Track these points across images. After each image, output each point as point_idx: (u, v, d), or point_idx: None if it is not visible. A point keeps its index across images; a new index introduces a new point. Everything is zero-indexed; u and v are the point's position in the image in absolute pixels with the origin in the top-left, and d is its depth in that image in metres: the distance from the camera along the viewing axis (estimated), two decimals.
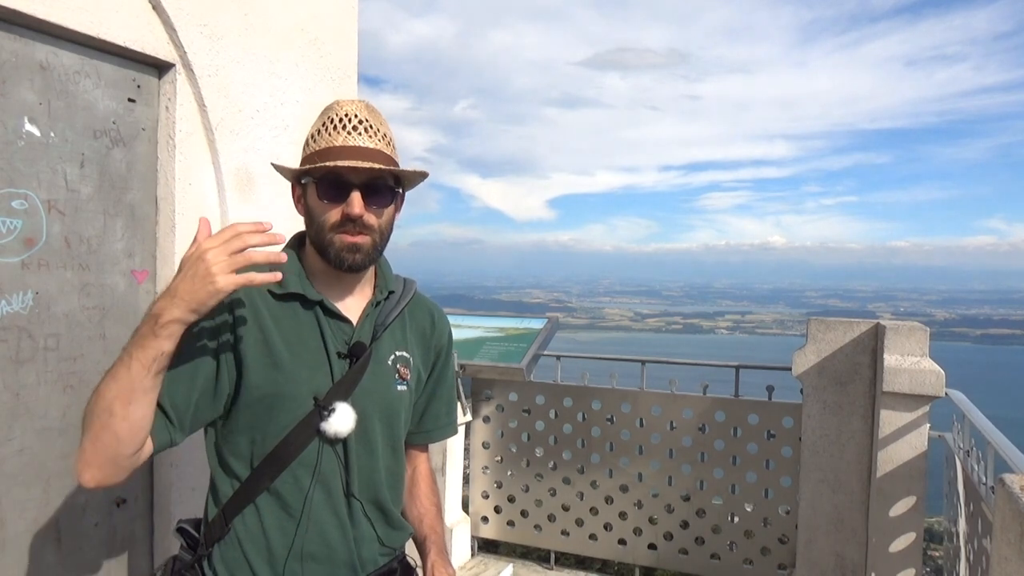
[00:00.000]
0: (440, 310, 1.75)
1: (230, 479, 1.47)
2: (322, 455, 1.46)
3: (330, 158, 1.43)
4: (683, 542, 3.97)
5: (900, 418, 3.15)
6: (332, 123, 1.47)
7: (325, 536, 1.47)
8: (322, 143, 1.47)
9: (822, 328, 3.48)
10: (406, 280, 1.67)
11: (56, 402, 2.18)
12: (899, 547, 3.16)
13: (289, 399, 1.43)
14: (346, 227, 1.44)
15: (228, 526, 1.45)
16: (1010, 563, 1.53)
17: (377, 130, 1.49)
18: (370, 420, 1.50)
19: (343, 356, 1.49)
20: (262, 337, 1.44)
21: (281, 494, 1.44)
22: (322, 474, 1.46)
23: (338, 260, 1.46)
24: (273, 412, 1.43)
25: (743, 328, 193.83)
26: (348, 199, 1.43)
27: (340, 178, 1.44)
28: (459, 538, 4.22)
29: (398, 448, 1.61)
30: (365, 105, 1.52)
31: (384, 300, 1.59)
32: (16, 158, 2.04)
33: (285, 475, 1.44)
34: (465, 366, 4.12)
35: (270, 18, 2.77)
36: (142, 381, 1.27)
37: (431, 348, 1.69)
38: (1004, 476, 1.65)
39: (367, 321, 1.54)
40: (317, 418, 1.43)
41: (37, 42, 2.08)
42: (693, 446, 3.94)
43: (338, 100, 1.53)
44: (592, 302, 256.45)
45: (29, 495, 2.12)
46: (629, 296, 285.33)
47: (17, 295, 2.05)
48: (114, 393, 1.28)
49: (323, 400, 1.44)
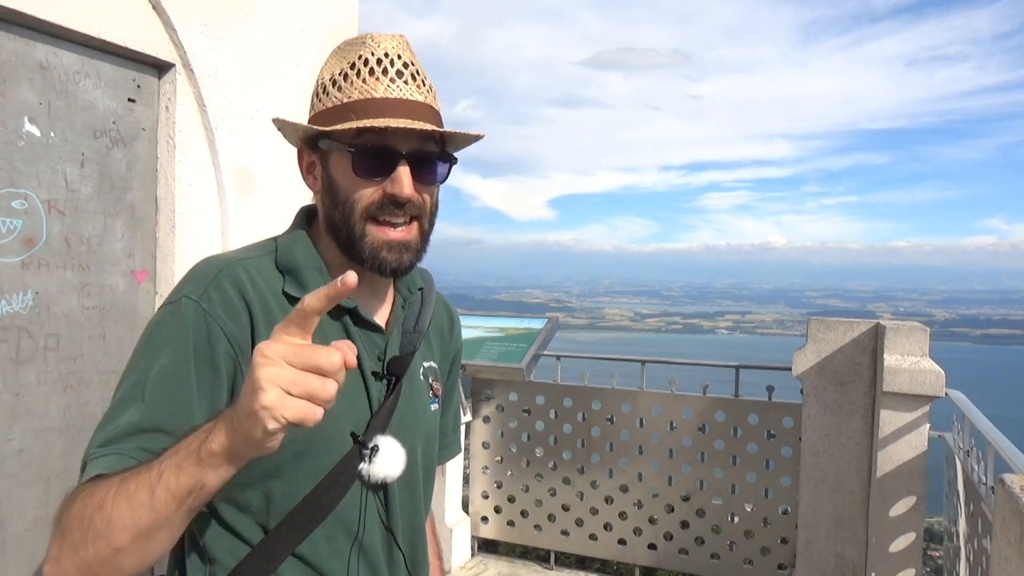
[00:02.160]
0: (454, 309, 1.44)
1: (232, 546, 1.06)
2: (365, 505, 1.10)
3: (368, 114, 1.04)
4: (683, 542, 3.97)
5: (900, 418, 3.15)
6: (367, 65, 1.07)
7: None
8: (354, 93, 1.06)
9: (822, 328, 3.48)
10: (422, 270, 1.28)
11: (56, 402, 2.18)
12: (899, 547, 3.16)
13: (325, 440, 1.05)
14: (387, 213, 1.07)
15: None
16: (1010, 563, 1.53)
17: (424, 78, 1.11)
18: (413, 454, 1.16)
19: (379, 377, 1.13)
20: None
21: (313, 560, 1.07)
22: (363, 530, 1.11)
23: (376, 262, 1.08)
24: (303, 459, 1.05)
25: (743, 328, 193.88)
26: (393, 174, 1.06)
27: (385, 145, 1.05)
28: (459, 538, 4.22)
29: (432, 480, 1.29)
30: (406, 42, 1.12)
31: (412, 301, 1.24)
32: (16, 158, 2.04)
33: (317, 535, 1.07)
34: (465, 366, 4.13)
35: (270, 18, 2.77)
36: (167, 516, 0.86)
37: (448, 354, 1.38)
38: (1004, 476, 1.65)
39: (396, 328, 1.18)
40: (357, 459, 1.06)
41: (37, 42, 2.08)
42: (693, 446, 3.94)
43: (370, 33, 1.11)
44: (592, 302, 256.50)
45: (29, 495, 2.12)
46: (629, 296, 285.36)
47: (17, 295, 2.05)
48: (125, 524, 0.86)
49: (364, 435, 1.08)
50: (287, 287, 1.09)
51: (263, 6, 2.74)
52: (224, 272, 1.05)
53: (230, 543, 1.06)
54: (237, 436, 0.82)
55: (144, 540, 0.87)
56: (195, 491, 0.86)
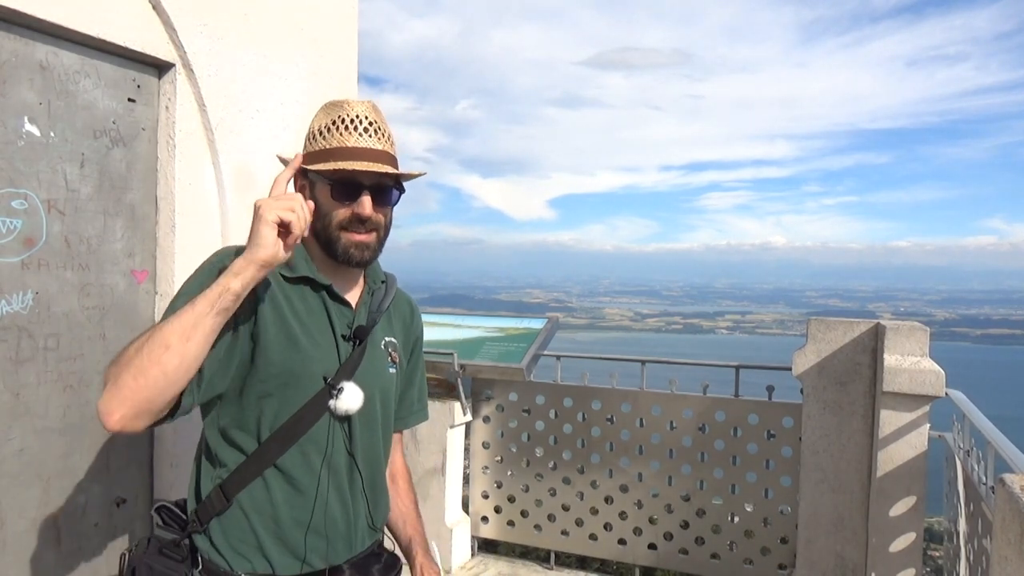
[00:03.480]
0: (415, 303, 1.89)
1: (234, 454, 1.51)
2: (332, 432, 1.54)
3: (342, 158, 1.51)
4: (683, 542, 3.97)
5: (900, 418, 3.15)
6: (344, 123, 1.54)
7: (329, 510, 1.54)
8: (333, 141, 1.54)
9: (822, 328, 3.48)
10: (387, 274, 1.79)
11: (56, 402, 2.18)
12: (899, 547, 3.16)
13: (303, 377, 1.50)
14: (354, 226, 1.53)
15: (229, 501, 1.49)
16: (1010, 563, 1.53)
17: (384, 132, 1.58)
18: (372, 400, 1.60)
19: (347, 339, 1.58)
20: (278, 316, 1.50)
21: (289, 469, 1.50)
22: (330, 450, 1.53)
23: (346, 256, 1.55)
24: (286, 389, 1.49)
25: (743, 328, 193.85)
26: (359, 200, 1.52)
27: (353, 180, 1.52)
28: (459, 538, 4.22)
29: (389, 428, 1.73)
30: (373, 106, 1.60)
31: (376, 290, 1.71)
32: (16, 158, 2.04)
33: (293, 451, 1.50)
34: (465, 366, 4.12)
35: (270, 18, 2.77)
36: (204, 316, 1.31)
37: (410, 337, 1.82)
38: (1004, 476, 1.65)
39: (363, 307, 1.65)
40: (327, 396, 1.51)
41: (37, 42, 2.08)
42: (693, 446, 3.94)
43: (347, 99, 1.60)
44: (592, 302, 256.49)
45: (29, 495, 2.12)
46: (629, 296, 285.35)
47: (17, 295, 2.05)
48: (173, 327, 1.31)
49: (332, 379, 1.52)
50: (282, 270, 1.53)
51: (263, 6, 2.74)
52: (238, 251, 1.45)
53: (232, 453, 1.51)
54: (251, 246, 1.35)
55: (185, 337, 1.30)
56: (223, 293, 1.33)
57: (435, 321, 4.72)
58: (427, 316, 4.81)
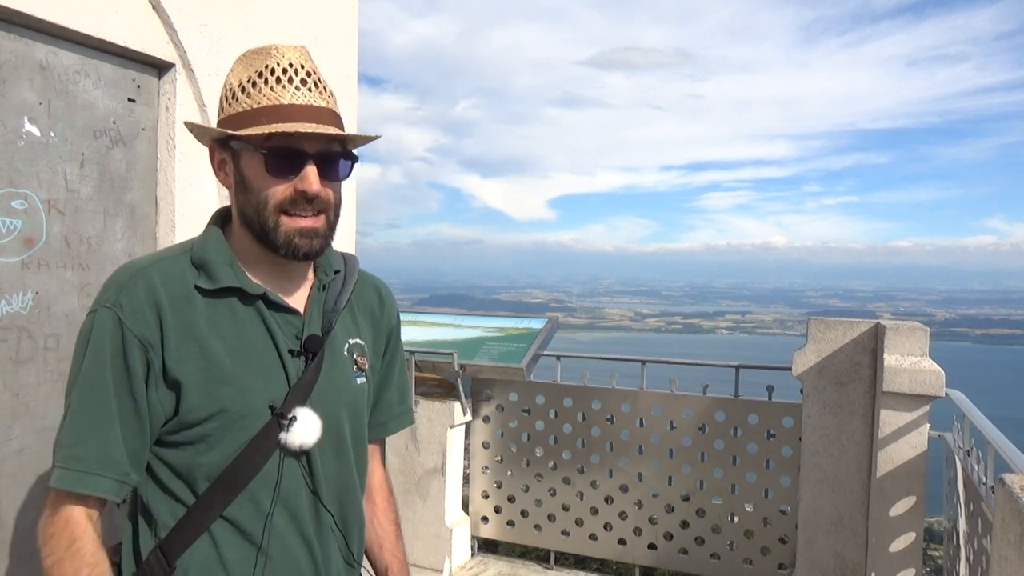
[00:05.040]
0: (386, 286, 1.51)
1: (171, 507, 1.21)
2: (283, 471, 1.23)
3: (276, 119, 1.16)
4: (683, 542, 3.97)
5: (900, 418, 3.15)
6: (273, 74, 1.18)
7: (293, 562, 1.26)
8: (262, 99, 1.18)
9: (822, 328, 3.48)
10: (345, 256, 1.42)
11: (56, 402, 2.18)
12: (899, 547, 3.16)
13: (241, 414, 1.20)
14: (298, 207, 1.20)
15: (172, 566, 1.20)
16: (1010, 563, 1.53)
17: (324, 85, 1.23)
18: (337, 422, 1.30)
19: (296, 354, 1.26)
20: (198, 348, 1.19)
21: (239, 521, 1.21)
22: (285, 492, 1.24)
23: (289, 248, 1.21)
24: (223, 431, 1.19)
25: (743, 328, 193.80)
26: (302, 173, 1.18)
27: (293, 147, 1.18)
28: (459, 538, 4.22)
29: (363, 447, 1.42)
30: (306, 52, 1.24)
31: (330, 282, 1.36)
32: (16, 158, 2.04)
33: (242, 498, 1.21)
34: (465, 366, 4.12)
35: (270, 18, 2.77)
36: None
37: (382, 330, 1.47)
38: (1004, 476, 1.65)
39: (315, 309, 1.31)
40: (276, 429, 1.21)
41: (37, 42, 2.08)
42: (693, 446, 3.94)
43: (273, 44, 1.23)
44: (592, 302, 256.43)
45: (29, 495, 2.12)
46: (629, 296, 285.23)
47: (17, 295, 2.05)
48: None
49: (281, 408, 1.22)
50: (199, 282, 1.22)
51: (263, 6, 2.74)
52: (136, 277, 1.20)
53: (168, 504, 1.22)
54: None
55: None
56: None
57: (435, 321, 4.72)
58: (427, 316, 4.82)
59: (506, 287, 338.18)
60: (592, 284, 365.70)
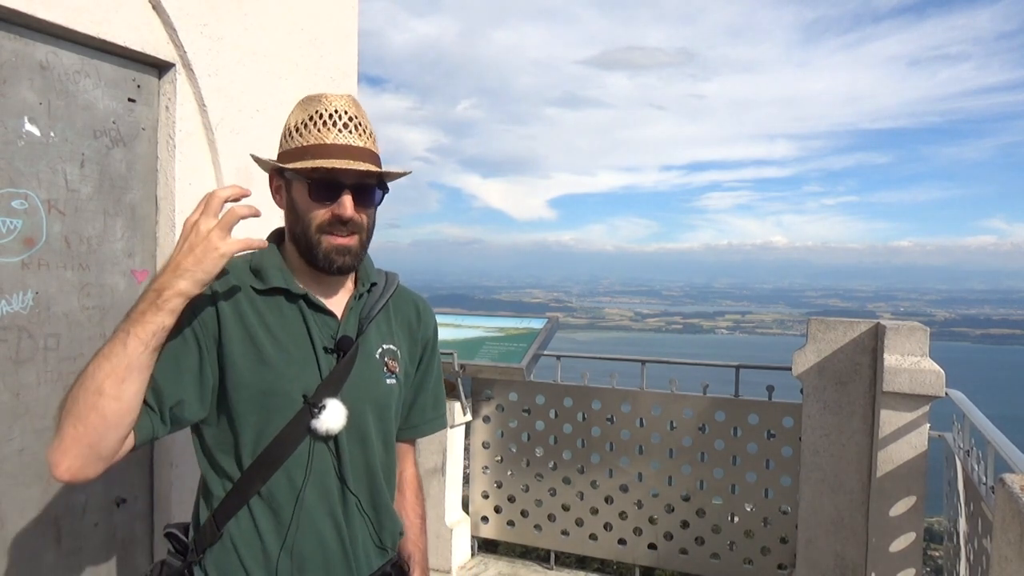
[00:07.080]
0: (425, 302, 1.72)
1: (221, 481, 1.44)
2: (314, 453, 1.43)
3: (321, 156, 1.40)
4: (683, 542, 3.97)
5: (900, 418, 3.15)
6: (321, 118, 1.44)
7: (320, 537, 1.44)
8: (310, 138, 1.43)
9: (822, 328, 3.48)
10: (388, 273, 1.64)
11: (56, 402, 2.17)
12: (899, 547, 3.16)
13: (279, 397, 1.41)
14: (335, 228, 1.43)
15: (220, 531, 1.42)
16: (1010, 563, 1.53)
17: (365, 128, 1.47)
18: (362, 415, 1.48)
19: (330, 351, 1.46)
20: (247, 334, 1.41)
21: (274, 496, 1.42)
22: (315, 473, 1.43)
23: (327, 262, 1.44)
24: (263, 411, 1.40)
25: (743, 328, 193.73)
26: (339, 200, 1.42)
27: (333, 179, 1.42)
28: (459, 538, 4.22)
29: (390, 443, 1.59)
30: (353, 100, 1.49)
31: (367, 292, 1.57)
32: (16, 158, 2.04)
33: (278, 476, 1.41)
34: (465, 366, 4.12)
35: (270, 18, 2.77)
36: (138, 357, 1.27)
37: (417, 341, 1.67)
38: (1004, 476, 1.65)
39: (351, 315, 1.52)
40: (308, 416, 1.40)
41: (37, 42, 2.08)
42: (693, 446, 3.94)
43: (324, 93, 1.49)
44: (592, 302, 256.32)
45: (29, 495, 2.12)
46: (629, 296, 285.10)
47: (17, 295, 2.05)
48: (106, 372, 1.25)
49: (313, 397, 1.41)
50: (253, 283, 1.46)
51: (263, 6, 2.74)
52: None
53: (220, 480, 1.44)
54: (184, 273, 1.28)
55: (119, 380, 1.26)
56: (157, 332, 1.28)
57: None
58: None
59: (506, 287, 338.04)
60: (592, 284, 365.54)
